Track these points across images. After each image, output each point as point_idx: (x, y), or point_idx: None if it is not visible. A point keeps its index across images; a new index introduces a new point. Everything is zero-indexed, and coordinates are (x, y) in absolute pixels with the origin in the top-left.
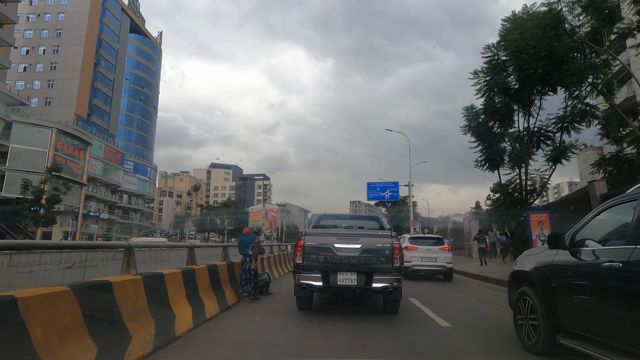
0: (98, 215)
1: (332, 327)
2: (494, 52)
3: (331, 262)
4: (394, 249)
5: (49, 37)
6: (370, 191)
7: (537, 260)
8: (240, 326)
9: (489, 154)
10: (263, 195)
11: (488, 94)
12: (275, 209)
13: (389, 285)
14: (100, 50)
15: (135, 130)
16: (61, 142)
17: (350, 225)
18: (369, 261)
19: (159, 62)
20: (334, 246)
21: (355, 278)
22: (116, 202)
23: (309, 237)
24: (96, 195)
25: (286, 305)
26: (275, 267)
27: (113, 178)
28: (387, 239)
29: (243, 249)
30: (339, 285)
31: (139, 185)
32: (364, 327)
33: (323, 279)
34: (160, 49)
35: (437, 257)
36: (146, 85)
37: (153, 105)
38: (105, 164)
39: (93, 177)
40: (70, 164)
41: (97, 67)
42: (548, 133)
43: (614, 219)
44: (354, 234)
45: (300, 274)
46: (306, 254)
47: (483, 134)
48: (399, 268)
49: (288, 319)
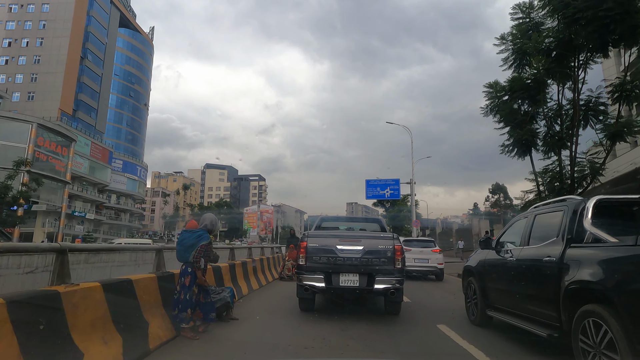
0: (84, 216)
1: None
2: (525, 13)
3: (333, 263)
4: (395, 250)
5: (33, 28)
6: (369, 189)
7: (478, 258)
8: None
9: (518, 135)
10: (258, 196)
11: (518, 62)
12: (270, 210)
13: (391, 286)
14: (87, 43)
15: (124, 127)
16: (42, 138)
17: (351, 228)
18: (371, 262)
19: (150, 58)
20: (336, 248)
21: (357, 279)
22: (104, 202)
23: (311, 239)
24: (82, 194)
25: (261, 342)
26: (263, 272)
27: (100, 177)
28: (389, 240)
29: (183, 253)
30: (341, 286)
31: (128, 185)
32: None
33: (325, 280)
34: (152, 44)
35: (429, 259)
36: (137, 81)
37: (144, 102)
38: (92, 162)
39: (79, 175)
40: (52, 161)
41: (84, 61)
42: (599, 107)
43: (518, 228)
44: (356, 235)
45: (303, 275)
46: (309, 256)
47: (510, 114)
48: (400, 269)
49: None
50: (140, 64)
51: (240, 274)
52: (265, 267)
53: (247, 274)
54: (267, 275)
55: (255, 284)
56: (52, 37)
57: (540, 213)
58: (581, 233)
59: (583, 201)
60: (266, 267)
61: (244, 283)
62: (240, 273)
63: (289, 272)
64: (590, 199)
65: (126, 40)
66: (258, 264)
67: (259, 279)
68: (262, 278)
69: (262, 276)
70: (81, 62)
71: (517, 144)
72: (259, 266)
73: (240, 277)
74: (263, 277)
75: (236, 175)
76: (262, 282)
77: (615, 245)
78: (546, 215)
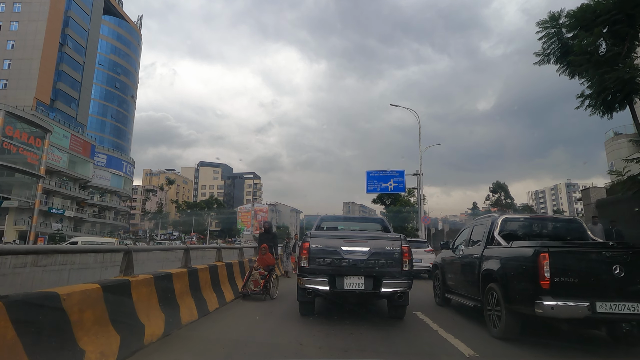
0: (62, 213)
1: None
2: None
3: (338, 265)
4: (403, 252)
5: (7, 11)
6: (370, 182)
7: (442, 256)
8: None
9: (615, 74)
10: (253, 194)
11: None
12: (265, 209)
13: (399, 290)
14: (67, 29)
15: (110, 120)
16: (12, 128)
17: (352, 228)
18: (378, 265)
19: (138, 48)
20: (341, 249)
21: (362, 282)
22: (86, 199)
23: (314, 240)
24: (61, 190)
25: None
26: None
27: (82, 172)
28: (397, 241)
29: None
30: (346, 289)
31: (113, 181)
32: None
33: (329, 283)
34: (140, 34)
35: (422, 258)
36: (123, 72)
37: (131, 94)
38: (71, 155)
39: (57, 169)
40: (24, 153)
41: (64, 47)
42: None
43: (466, 234)
44: (362, 236)
45: (306, 277)
46: (312, 257)
47: (586, 52)
48: (408, 272)
49: None
50: (126, 53)
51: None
52: (221, 279)
53: (168, 298)
54: (222, 291)
55: (187, 313)
56: (28, 21)
57: (476, 224)
58: (493, 239)
59: (498, 217)
60: (225, 278)
61: (151, 317)
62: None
63: (255, 287)
64: (500, 216)
65: (111, 28)
66: (203, 276)
67: (200, 301)
68: (211, 297)
69: (210, 294)
70: (60, 48)
71: (607, 92)
72: (206, 278)
73: (145, 306)
74: (213, 295)
75: (230, 174)
76: (207, 305)
77: (503, 247)
78: (479, 226)
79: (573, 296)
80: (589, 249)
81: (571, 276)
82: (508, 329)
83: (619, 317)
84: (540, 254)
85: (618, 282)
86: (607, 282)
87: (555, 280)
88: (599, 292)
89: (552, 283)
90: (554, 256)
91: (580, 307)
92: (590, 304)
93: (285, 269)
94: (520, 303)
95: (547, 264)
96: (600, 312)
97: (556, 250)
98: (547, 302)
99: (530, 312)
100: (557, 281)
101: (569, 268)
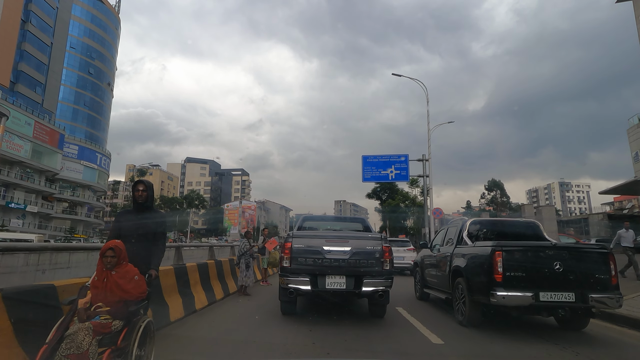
0: (23, 208)
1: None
2: None
3: (320, 265)
4: (383, 251)
5: None
6: (367, 169)
7: (421, 254)
8: None
9: None
10: (241, 191)
11: None
12: (253, 207)
13: (379, 289)
14: (30, 4)
15: (83, 109)
16: None
17: (334, 228)
18: (359, 264)
19: (115, 33)
20: (322, 249)
21: (344, 282)
22: (53, 193)
23: (296, 240)
24: (23, 183)
25: None
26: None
27: (48, 163)
28: (377, 241)
29: None
30: (327, 289)
31: (85, 174)
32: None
33: (311, 283)
34: (118, 17)
35: (404, 257)
36: (98, 57)
37: (107, 81)
38: (35, 144)
39: (17, 160)
40: None
41: (27, 25)
42: None
43: (442, 234)
44: (343, 236)
45: (288, 277)
46: (294, 257)
47: None
48: (389, 271)
49: None
50: (102, 37)
51: None
52: None
53: None
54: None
55: None
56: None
57: (450, 226)
58: (462, 239)
59: (467, 220)
60: None
61: None
62: None
63: None
64: (468, 220)
65: (85, 9)
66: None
67: None
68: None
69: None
70: (23, 26)
71: None
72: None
73: None
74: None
75: (218, 170)
76: None
77: (469, 246)
78: (452, 227)
79: (521, 287)
80: (535, 248)
81: (520, 270)
82: (471, 317)
83: (557, 305)
84: (495, 252)
85: (557, 275)
86: (549, 276)
87: (507, 274)
88: (542, 284)
89: (504, 277)
90: (507, 254)
91: (526, 296)
92: (534, 294)
93: (242, 283)
94: (479, 294)
95: (501, 261)
96: (543, 300)
97: (508, 248)
98: (499, 293)
99: (487, 302)
100: (508, 275)
101: (519, 264)
